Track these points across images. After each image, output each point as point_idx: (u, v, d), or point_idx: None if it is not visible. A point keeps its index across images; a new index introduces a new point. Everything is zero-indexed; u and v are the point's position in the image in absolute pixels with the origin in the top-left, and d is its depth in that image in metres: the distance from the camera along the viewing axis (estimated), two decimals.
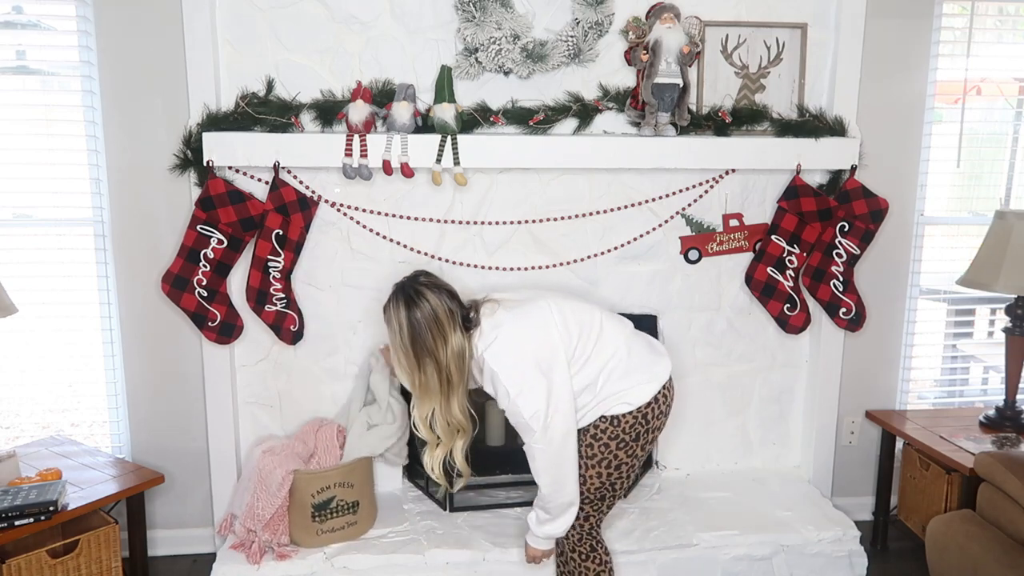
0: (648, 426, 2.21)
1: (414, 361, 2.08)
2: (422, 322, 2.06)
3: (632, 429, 2.19)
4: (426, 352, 2.06)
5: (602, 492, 2.25)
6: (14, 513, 2.31)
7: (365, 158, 2.68)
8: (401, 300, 2.11)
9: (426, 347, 2.06)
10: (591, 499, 2.25)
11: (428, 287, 2.12)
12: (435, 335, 2.05)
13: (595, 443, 2.20)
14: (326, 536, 2.66)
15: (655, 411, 2.22)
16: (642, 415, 2.19)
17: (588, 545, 2.30)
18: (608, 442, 2.19)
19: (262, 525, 2.58)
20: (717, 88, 2.93)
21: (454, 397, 2.11)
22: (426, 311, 2.06)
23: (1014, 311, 2.97)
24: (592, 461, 2.21)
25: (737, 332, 3.15)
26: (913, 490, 3.10)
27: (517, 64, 2.74)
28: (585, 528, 2.29)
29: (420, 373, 2.09)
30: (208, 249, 2.72)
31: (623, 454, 2.20)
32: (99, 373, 2.98)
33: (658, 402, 2.22)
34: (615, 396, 2.18)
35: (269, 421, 2.99)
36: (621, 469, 2.22)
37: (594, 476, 2.22)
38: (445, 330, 2.06)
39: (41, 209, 2.92)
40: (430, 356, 2.06)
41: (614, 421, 2.18)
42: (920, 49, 3.04)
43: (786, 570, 2.79)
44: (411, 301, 2.09)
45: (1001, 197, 3.42)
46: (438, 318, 2.06)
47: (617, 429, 2.18)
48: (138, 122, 2.76)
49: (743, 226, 3.04)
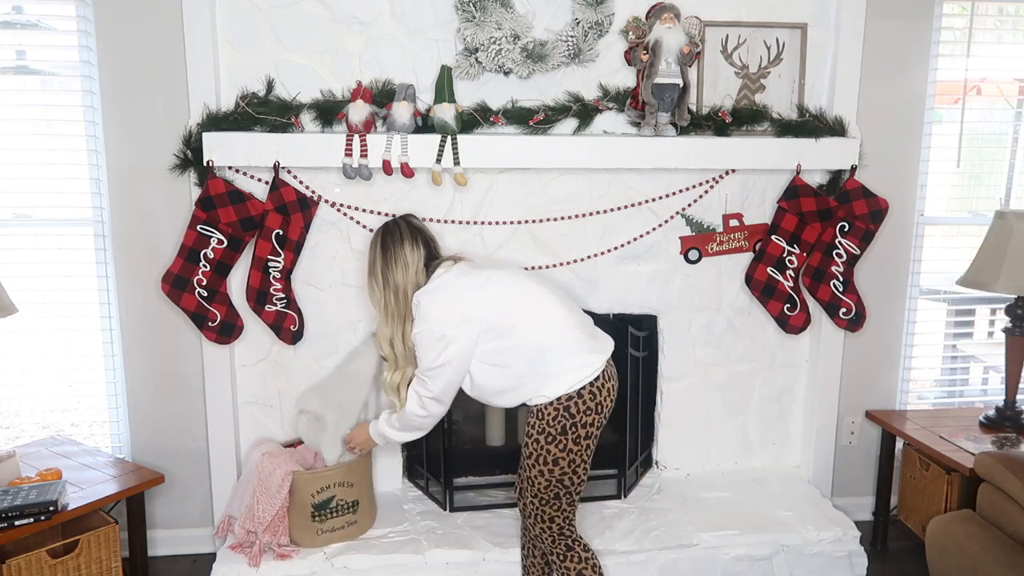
0: (573, 419, 2.19)
1: (381, 288, 2.34)
2: (391, 253, 2.33)
3: (556, 422, 2.19)
4: (392, 281, 2.32)
5: (554, 490, 2.24)
6: (14, 513, 2.31)
7: (365, 158, 2.68)
8: (380, 234, 2.38)
9: (391, 277, 2.32)
10: (546, 499, 2.25)
11: (408, 227, 2.38)
12: (399, 269, 2.32)
13: (528, 440, 2.24)
14: (326, 536, 2.66)
15: (579, 405, 2.19)
16: (562, 406, 2.19)
17: (564, 545, 2.30)
18: (537, 437, 2.21)
19: (263, 528, 2.57)
20: (717, 88, 2.93)
21: (409, 324, 2.32)
22: (397, 248, 2.33)
23: (1014, 311, 2.97)
24: (530, 460, 2.24)
25: (737, 332, 3.15)
26: (913, 490, 3.10)
27: (517, 64, 2.74)
28: (554, 529, 2.29)
29: (384, 296, 2.34)
30: (208, 249, 2.72)
31: (554, 448, 2.20)
32: (99, 373, 2.98)
33: (583, 397, 2.20)
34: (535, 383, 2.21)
35: (269, 421, 2.99)
36: (560, 464, 2.21)
37: (536, 475, 2.23)
38: (407, 262, 2.32)
39: (41, 209, 2.92)
40: (393, 285, 2.32)
41: (539, 414, 2.21)
42: (920, 49, 3.04)
43: (786, 570, 2.79)
44: (388, 235, 2.36)
45: (1001, 197, 3.42)
46: (405, 256, 2.33)
47: (542, 423, 2.21)
48: (138, 122, 2.76)
49: (743, 226, 3.04)
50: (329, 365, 2.94)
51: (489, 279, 2.29)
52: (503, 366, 2.23)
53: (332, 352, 2.94)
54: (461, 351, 2.23)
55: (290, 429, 2.98)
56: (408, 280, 2.31)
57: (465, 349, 2.23)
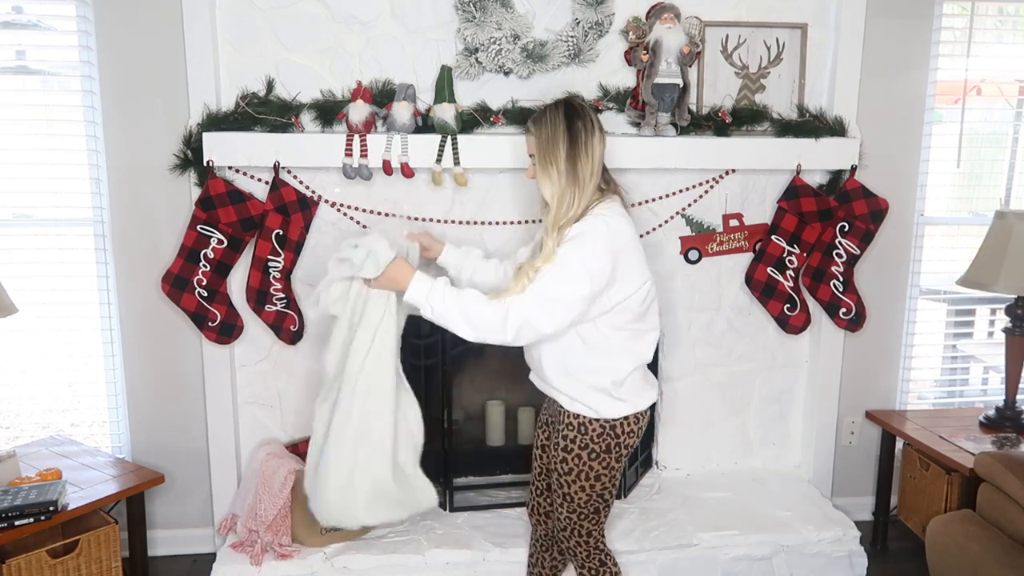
0: (618, 440, 2.12)
1: (563, 175, 2.02)
2: (580, 136, 2.02)
3: (601, 440, 2.09)
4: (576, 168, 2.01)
5: (595, 505, 2.18)
6: (14, 513, 2.31)
7: (365, 158, 2.68)
8: (562, 110, 2.06)
9: (578, 163, 2.01)
10: (585, 513, 2.18)
11: (594, 110, 2.11)
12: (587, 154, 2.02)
13: (568, 456, 2.12)
14: (329, 536, 2.66)
15: (624, 427, 2.11)
16: (610, 426, 2.10)
17: (597, 560, 2.25)
18: (580, 452, 2.10)
19: (265, 526, 2.58)
20: (717, 88, 2.93)
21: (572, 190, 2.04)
22: (587, 126, 2.03)
23: (1014, 311, 2.97)
24: (570, 477, 2.14)
25: (737, 332, 3.15)
26: (913, 490, 3.10)
27: (517, 64, 2.74)
28: (591, 544, 2.23)
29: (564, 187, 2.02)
30: (208, 249, 2.72)
31: (597, 465, 2.11)
32: (99, 373, 2.98)
33: (629, 422, 2.12)
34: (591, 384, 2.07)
35: (269, 421, 2.99)
36: (602, 480, 2.14)
37: (577, 490, 2.15)
38: (594, 154, 2.03)
39: (41, 209, 2.92)
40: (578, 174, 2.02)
41: (581, 428, 2.10)
42: (920, 49, 3.04)
43: (786, 570, 2.79)
44: (574, 113, 2.05)
45: (1001, 197, 3.42)
46: (594, 138, 2.04)
47: (585, 438, 2.10)
48: (138, 122, 2.76)
49: (743, 226, 3.04)
50: None
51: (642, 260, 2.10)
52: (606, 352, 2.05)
53: None
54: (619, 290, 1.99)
55: (290, 429, 2.98)
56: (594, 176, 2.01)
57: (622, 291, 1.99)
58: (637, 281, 2.07)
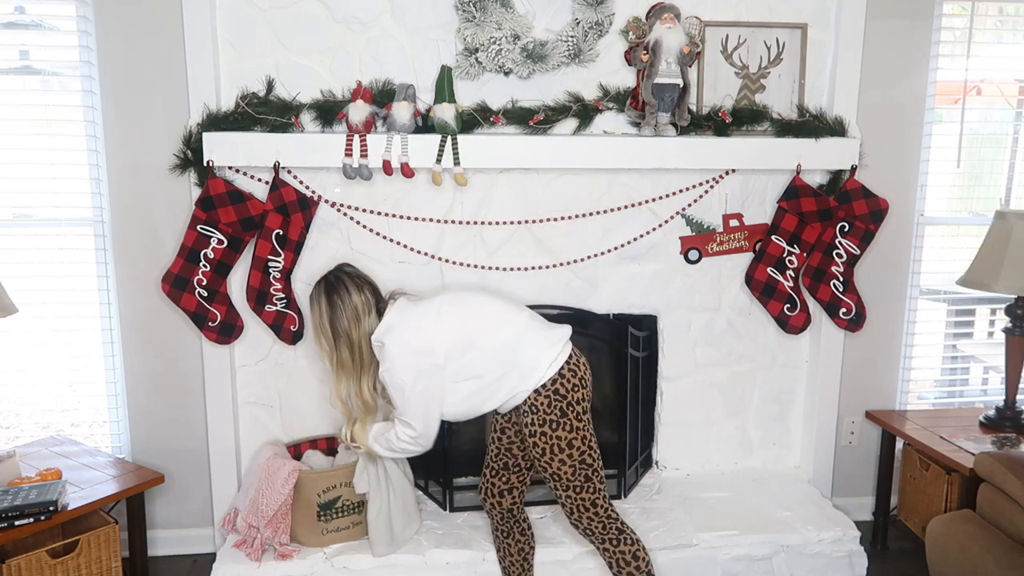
0: (566, 399, 2.21)
1: (332, 342, 2.31)
2: (339, 306, 2.29)
3: (552, 407, 2.20)
4: (342, 333, 2.29)
5: (583, 472, 2.25)
6: (14, 513, 2.31)
7: (365, 158, 2.68)
8: (323, 288, 2.33)
9: (342, 329, 2.29)
10: (578, 484, 2.26)
11: (349, 276, 2.35)
12: (349, 319, 2.28)
13: (534, 439, 2.23)
14: (331, 536, 2.66)
15: (564, 385, 2.22)
16: (551, 391, 2.20)
17: (615, 529, 2.31)
18: (543, 429, 2.21)
19: (265, 521, 2.58)
20: (717, 88, 2.93)
21: (365, 378, 2.33)
22: (343, 297, 2.30)
23: (1014, 311, 2.97)
24: (546, 457, 2.23)
25: (737, 332, 3.15)
26: (913, 490, 3.10)
27: (517, 64, 2.74)
28: (600, 515, 2.29)
29: (337, 352, 2.31)
30: (208, 249, 2.72)
31: (563, 431, 2.21)
32: (99, 373, 2.98)
33: (565, 377, 2.22)
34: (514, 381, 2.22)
35: (269, 421, 2.99)
36: (574, 445, 2.23)
37: (559, 465, 2.23)
38: (359, 314, 2.29)
39: (41, 209, 2.92)
40: (345, 337, 2.29)
41: (531, 408, 2.21)
42: (920, 49, 3.04)
43: (786, 570, 2.79)
44: (331, 289, 2.32)
45: (1001, 197, 3.42)
46: (353, 303, 2.29)
47: (539, 415, 2.21)
48: (138, 122, 2.76)
49: (743, 226, 3.04)
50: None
51: (442, 303, 2.31)
52: (478, 376, 2.24)
53: None
54: (435, 381, 2.24)
55: (290, 429, 2.98)
56: (362, 330, 2.28)
57: (437, 378, 2.24)
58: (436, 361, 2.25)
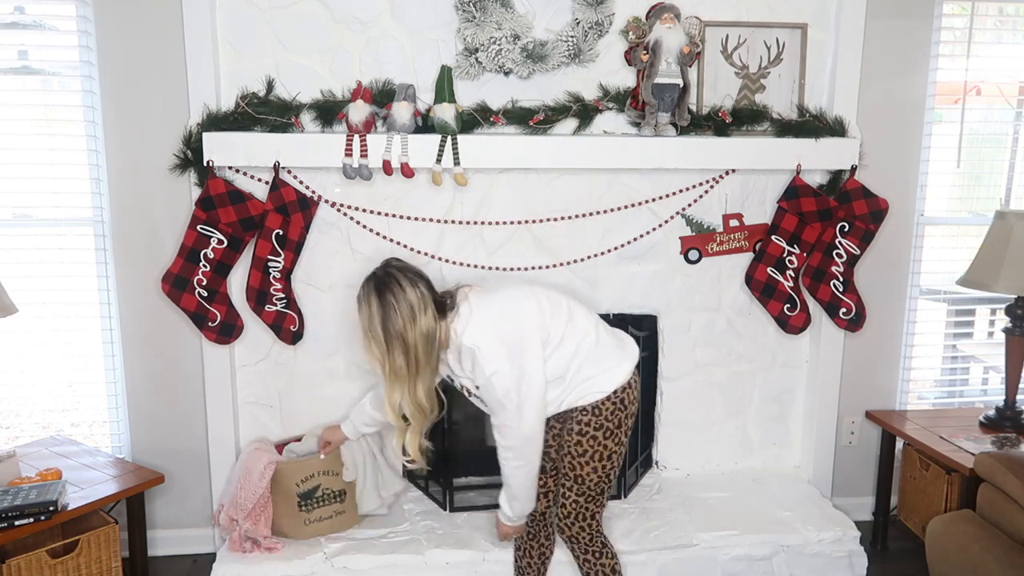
0: (626, 411, 2.22)
1: (384, 346, 2.10)
2: (392, 305, 2.08)
3: (613, 416, 2.20)
4: (396, 335, 2.08)
5: (600, 486, 2.26)
6: (14, 513, 2.31)
7: (365, 158, 2.68)
8: (372, 286, 2.13)
9: (395, 330, 2.08)
10: (592, 495, 2.26)
11: (400, 271, 2.14)
12: (404, 318, 2.07)
13: (583, 439, 2.21)
14: (314, 526, 2.67)
15: (630, 396, 2.23)
16: (619, 399, 2.20)
17: (599, 543, 2.31)
18: (595, 434, 2.19)
19: (244, 514, 2.59)
20: (717, 88, 2.93)
21: (420, 380, 2.13)
22: (396, 294, 2.09)
23: (1014, 311, 2.97)
24: (583, 459, 2.21)
25: (737, 332, 3.15)
26: (913, 490, 3.10)
27: (517, 64, 2.74)
28: (593, 527, 2.30)
29: (390, 357, 2.10)
30: (208, 249, 2.71)
31: (611, 443, 2.21)
32: (99, 373, 2.98)
33: (631, 386, 2.23)
34: (589, 382, 2.19)
35: (269, 421, 2.99)
36: (612, 459, 2.23)
37: (590, 471, 2.22)
38: (415, 312, 2.08)
39: (41, 209, 2.92)
40: (399, 339, 2.08)
41: (595, 411, 2.18)
42: (920, 49, 3.04)
43: (786, 570, 2.79)
44: (382, 286, 2.11)
45: (1001, 197, 3.42)
46: (408, 300, 2.08)
47: (599, 419, 2.19)
48: (138, 122, 2.76)
49: (743, 226, 3.04)
50: (329, 366, 2.95)
51: (520, 295, 2.20)
52: (560, 377, 2.17)
53: (332, 352, 2.95)
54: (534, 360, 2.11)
55: (290, 429, 2.98)
56: (418, 330, 2.08)
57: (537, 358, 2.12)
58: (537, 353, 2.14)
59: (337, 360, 2.96)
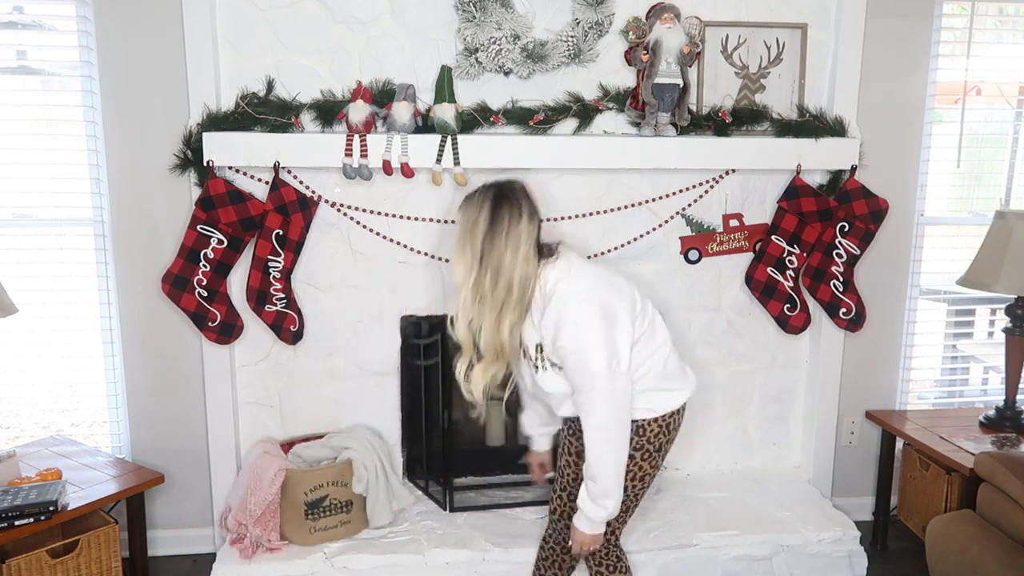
0: (669, 436, 2.15)
1: (478, 260, 1.94)
2: (503, 223, 1.93)
3: (656, 439, 2.11)
4: (494, 256, 1.93)
5: (626, 504, 2.17)
6: (14, 513, 2.31)
7: (365, 158, 2.68)
8: (492, 194, 1.98)
9: (496, 251, 1.92)
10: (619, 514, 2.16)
11: (526, 198, 1.99)
12: (509, 243, 1.92)
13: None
14: (319, 535, 2.67)
15: (675, 423, 2.15)
16: (666, 424, 2.12)
17: (614, 556, 2.27)
18: (634, 454, 2.08)
19: (253, 520, 2.59)
20: (717, 88, 2.93)
21: (506, 315, 1.95)
22: (512, 216, 1.94)
23: (1014, 311, 2.97)
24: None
25: (737, 332, 3.15)
26: (913, 490, 3.10)
27: (517, 64, 2.74)
28: (612, 542, 2.25)
29: (479, 272, 1.94)
30: (208, 249, 2.71)
31: (647, 465, 2.13)
32: (99, 373, 2.98)
33: (679, 414, 2.17)
34: (646, 395, 2.07)
35: (269, 421, 2.99)
36: (645, 480, 2.16)
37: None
38: (520, 242, 1.93)
39: (41, 209, 2.92)
40: (496, 261, 1.93)
41: (639, 429, 2.09)
42: (920, 49, 3.04)
43: (786, 570, 2.79)
44: (502, 200, 1.95)
45: (1001, 197, 3.42)
46: (520, 229, 1.93)
47: (642, 439, 2.10)
48: (138, 122, 2.76)
49: (743, 226, 3.04)
50: (329, 366, 2.95)
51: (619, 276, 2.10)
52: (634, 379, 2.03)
53: (332, 352, 2.95)
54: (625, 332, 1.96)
55: (290, 429, 2.98)
56: (518, 264, 1.91)
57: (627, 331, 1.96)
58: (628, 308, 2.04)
59: (337, 360, 2.96)
